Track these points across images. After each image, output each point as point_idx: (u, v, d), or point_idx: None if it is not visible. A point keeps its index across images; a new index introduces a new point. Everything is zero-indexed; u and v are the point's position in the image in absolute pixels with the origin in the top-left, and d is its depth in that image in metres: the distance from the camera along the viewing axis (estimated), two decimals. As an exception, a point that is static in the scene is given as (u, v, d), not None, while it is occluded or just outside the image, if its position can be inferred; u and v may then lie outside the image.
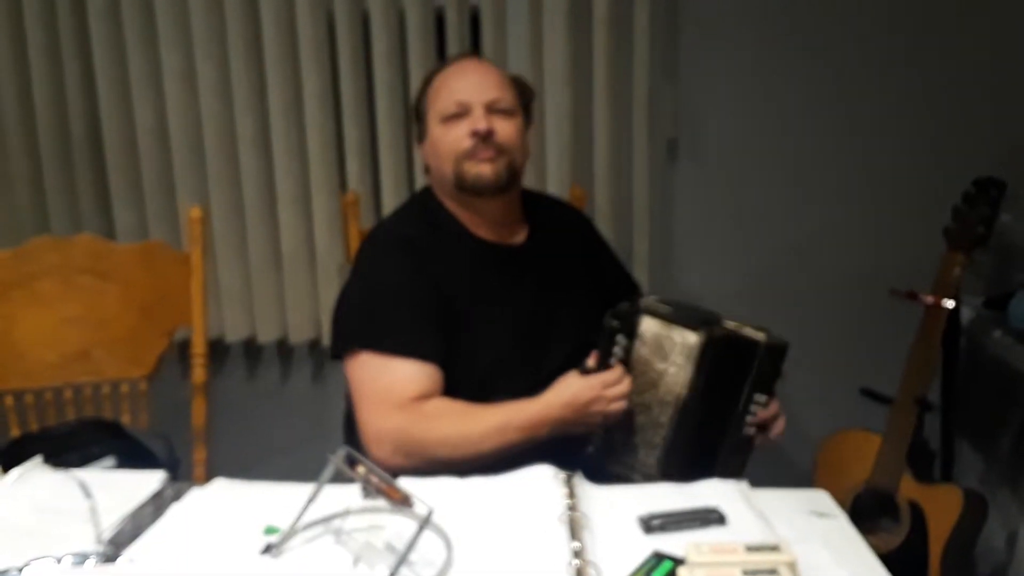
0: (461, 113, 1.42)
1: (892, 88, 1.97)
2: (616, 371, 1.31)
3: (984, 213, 1.68)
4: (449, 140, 1.42)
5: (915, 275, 1.76)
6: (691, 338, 1.26)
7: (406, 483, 1.10)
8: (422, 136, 1.52)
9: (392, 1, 1.97)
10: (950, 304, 1.67)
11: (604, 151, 1.98)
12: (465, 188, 1.43)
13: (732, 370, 1.31)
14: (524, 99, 1.52)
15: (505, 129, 1.43)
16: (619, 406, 1.30)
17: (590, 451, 1.36)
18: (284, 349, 2.26)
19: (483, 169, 1.41)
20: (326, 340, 2.16)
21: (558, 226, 1.61)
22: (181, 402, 1.87)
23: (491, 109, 1.43)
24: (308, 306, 2.15)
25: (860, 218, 2.04)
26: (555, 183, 2.02)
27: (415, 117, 1.55)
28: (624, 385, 1.30)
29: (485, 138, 1.40)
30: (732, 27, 1.98)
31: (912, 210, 1.97)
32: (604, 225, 1.99)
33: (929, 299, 1.69)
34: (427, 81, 1.52)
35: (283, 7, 1.99)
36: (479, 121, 1.40)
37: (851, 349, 2.05)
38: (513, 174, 1.45)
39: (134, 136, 2.08)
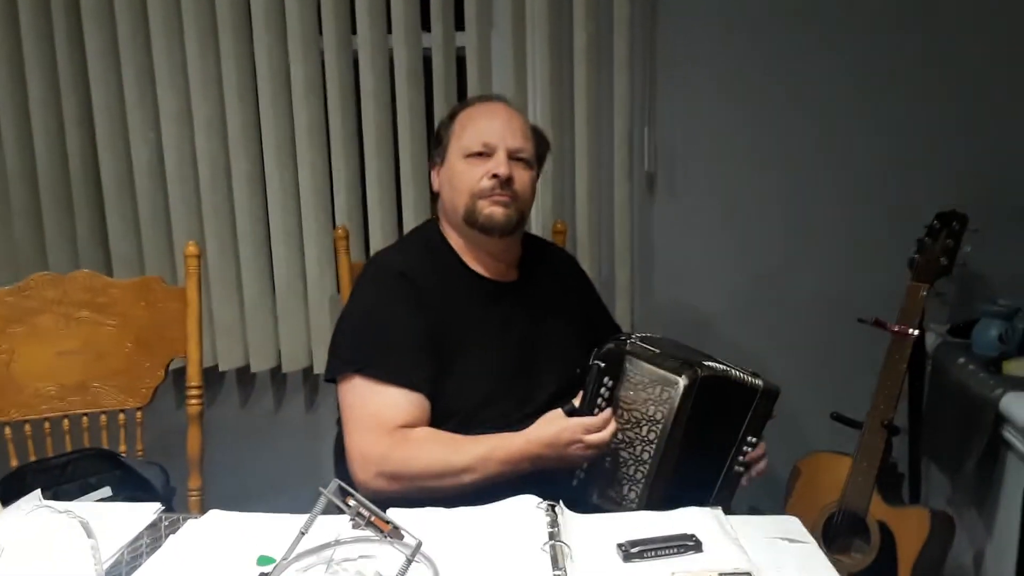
0: (485, 153, 1.47)
1: (858, 126, 2.03)
2: (601, 418, 1.33)
3: (947, 245, 1.75)
4: (469, 177, 1.48)
5: (883, 303, 1.82)
6: (674, 380, 1.29)
7: (395, 514, 1.15)
8: (438, 161, 1.56)
9: (381, 44, 2.03)
10: (915, 332, 1.73)
11: (585, 185, 2.04)
12: (474, 225, 1.48)
13: (719, 411, 1.34)
14: (540, 150, 1.58)
15: (522, 178, 1.49)
16: (596, 453, 1.34)
17: (575, 483, 1.39)
18: (277, 377, 2.30)
19: (496, 211, 1.47)
20: (318, 368, 2.20)
21: (548, 267, 1.66)
22: (176, 427, 1.90)
23: (513, 156, 1.48)
24: (300, 336, 2.18)
25: (829, 249, 2.09)
26: (539, 216, 2.08)
27: (435, 141, 1.58)
28: (605, 434, 1.32)
29: (504, 183, 1.46)
30: (705, 68, 2.04)
31: (879, 241, 2.03)
32: (586, 256, 2.06)
33: (895, 327, 1.75)
34: (454, 112, 1.56)
35: (276, 49, 2.04)
36: (501, 165, 1.46)
37: (823, 374, 2.09)
38: (521, 220, 1.51)
39: (131, 173, 2.12)
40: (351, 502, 1.09)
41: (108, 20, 2.06)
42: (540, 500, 1.19)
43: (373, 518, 1.05)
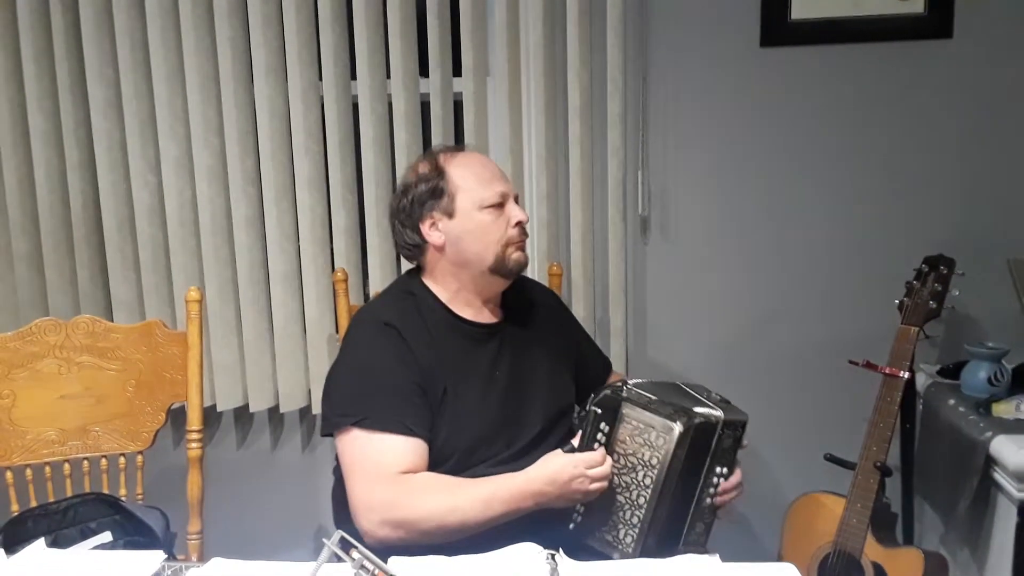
0: (502, 203, 1.53)
1: (848, 172, 2.06)
2: (599, 453, 1.38)
3: (935, 289, 1.78)
4: (495, 227, 1.52)
5: (873, 346, 1.85)
6: (671, 428, 1.32)
7: (397, 563, 1.17)
8: (435, 216, 1.52)
9: (380, 91, 2.07)
10: (906, 374, 1.76)
11: (580, 230, 2.07)
12: (503, 272, 1.53)
13: (702, 449, 1.39)
14: None
15: None
16: (599, 486, 1.37)
17: (571, 527, 1.43)
18: (275, 417, 2.32)
19: (521, 256, 1.55)
20: (315, 408, 2.22)
21: (530, 304, 1.69)
22: (173, 466, 1.92)
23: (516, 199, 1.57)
24: (299, 377, 2.20)
25: (821, 292, 2.11)
26: (534, 261, 2.11)
27: (425, 196, 1.52)
28: (606, 468, 1.36)
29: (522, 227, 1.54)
30: (698, 113, 2.08)
31: (870, 285, 2.05)
32: (581, 299, 2.09)
33: (886, 369, 1.78)
34: (437, 166, 1.53)
35: (277, 95, 2.08)
36: (522, 213, 1.54)
37: (816, 416, 2.11)
38: None
39: (132, 218, 2.15)
40: (354, 554, 1.11)
41: (111, 68, 2.10)
42: (540, 548, 1.21)
43: (377, 572, 1.07)
